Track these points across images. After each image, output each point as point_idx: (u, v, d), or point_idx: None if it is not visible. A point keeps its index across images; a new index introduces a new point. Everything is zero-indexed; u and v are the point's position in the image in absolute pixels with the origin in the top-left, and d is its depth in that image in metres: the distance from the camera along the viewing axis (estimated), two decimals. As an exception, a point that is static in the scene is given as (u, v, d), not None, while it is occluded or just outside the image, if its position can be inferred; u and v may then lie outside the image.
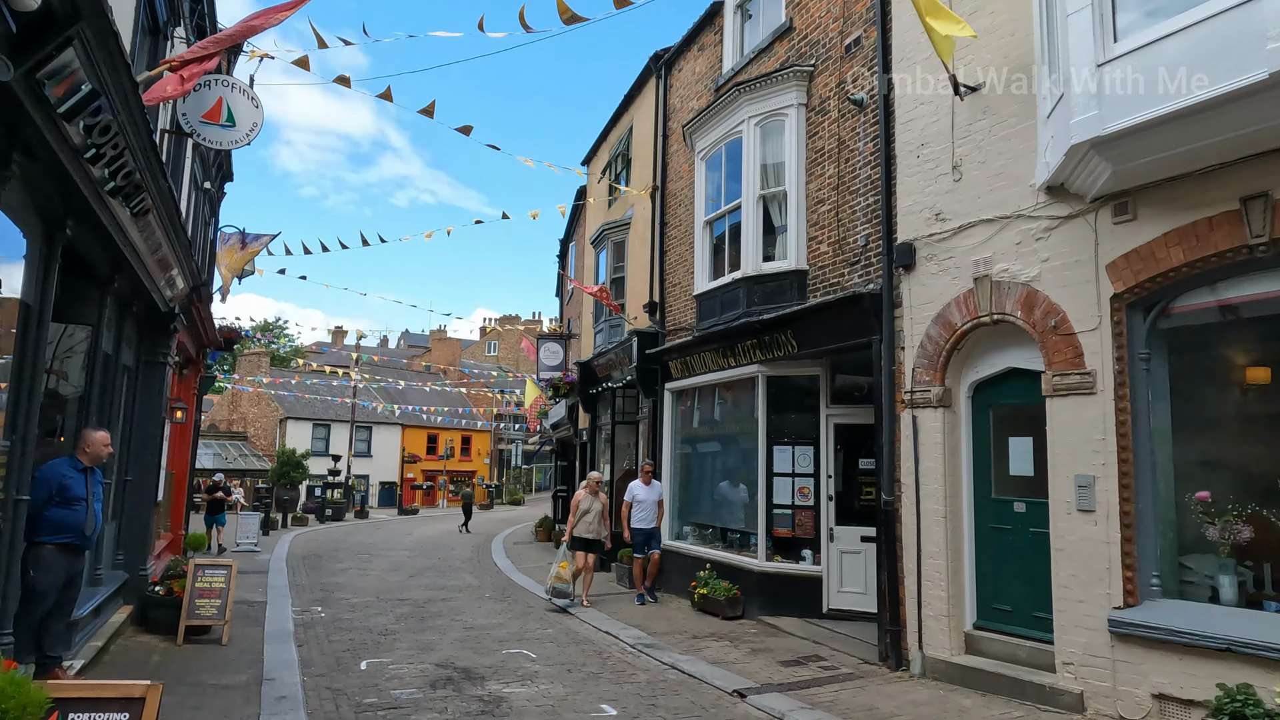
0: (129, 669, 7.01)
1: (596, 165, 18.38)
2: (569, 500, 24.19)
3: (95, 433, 6.26)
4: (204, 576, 8.55)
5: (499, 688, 7.01)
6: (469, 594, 12.73)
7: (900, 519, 7.65)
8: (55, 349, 7.06)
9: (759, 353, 10.07)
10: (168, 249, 7.10)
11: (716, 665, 7.83)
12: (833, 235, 9.05)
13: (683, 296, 12.45)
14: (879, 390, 8.04)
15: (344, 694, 6.74)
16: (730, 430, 11.49)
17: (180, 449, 13.65)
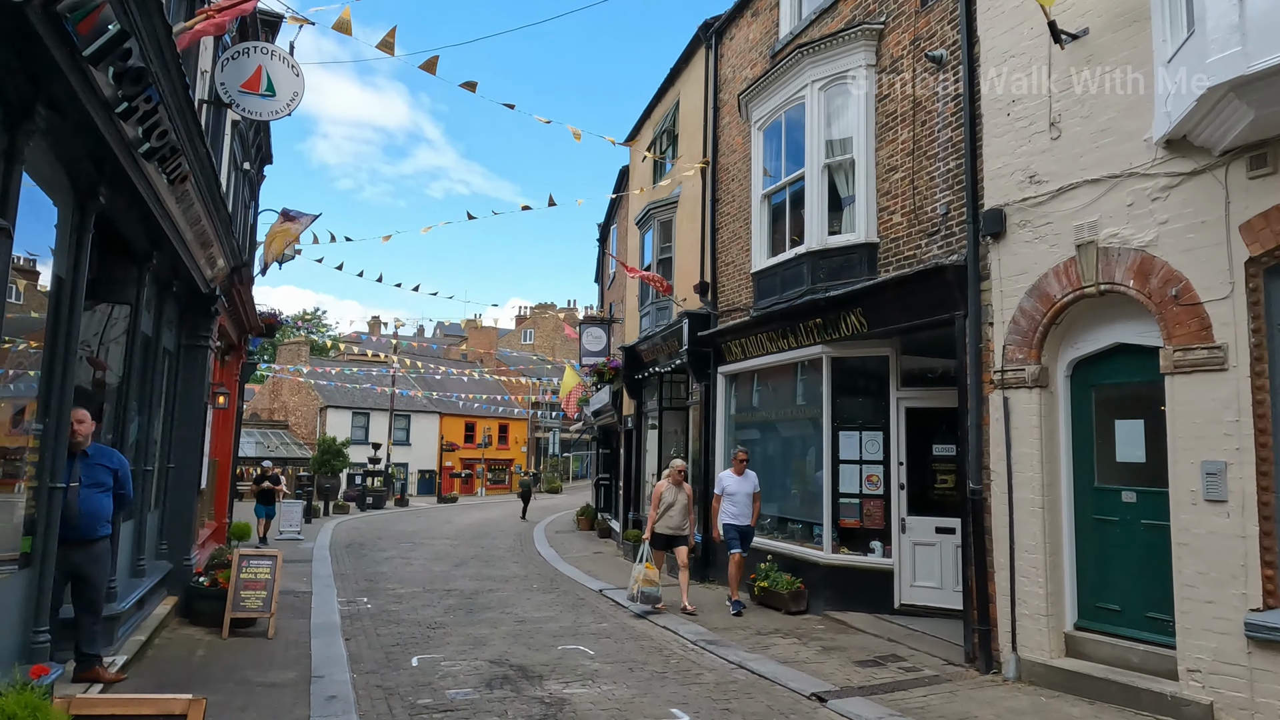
0: (173, 665, 6.69)
1: (640, 144, 17.80)
2: (610, 489, 23.89)
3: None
4: (249, 567, 8.24)
5: (559, 688, 6.57)
6: (516, 585, 12.36)
7: (990, 509, 7.04)
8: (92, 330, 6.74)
9: (823, 333, 9.48)
10: (207, 222, 6.72)
11: (788, 665, 7.31)
12: (907, 204, 8.42)
13: (736, 276, 11.88)
14: (963, 371, 7.42)
15: (396, 694, 6.35)
16: (790, 415, 10.93)
17: (223, 436, 13.45)
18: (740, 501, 9.76)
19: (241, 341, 14.20)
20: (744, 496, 9.78)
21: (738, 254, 11.88)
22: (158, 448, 8.38)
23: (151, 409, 7.69)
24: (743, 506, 9.76)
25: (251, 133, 12.56)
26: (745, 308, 11.42)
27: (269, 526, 17.76)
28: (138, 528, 7.50)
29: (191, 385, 8.98)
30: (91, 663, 5.37)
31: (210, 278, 8.55)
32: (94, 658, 5.41)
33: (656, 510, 9.82)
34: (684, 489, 9.93)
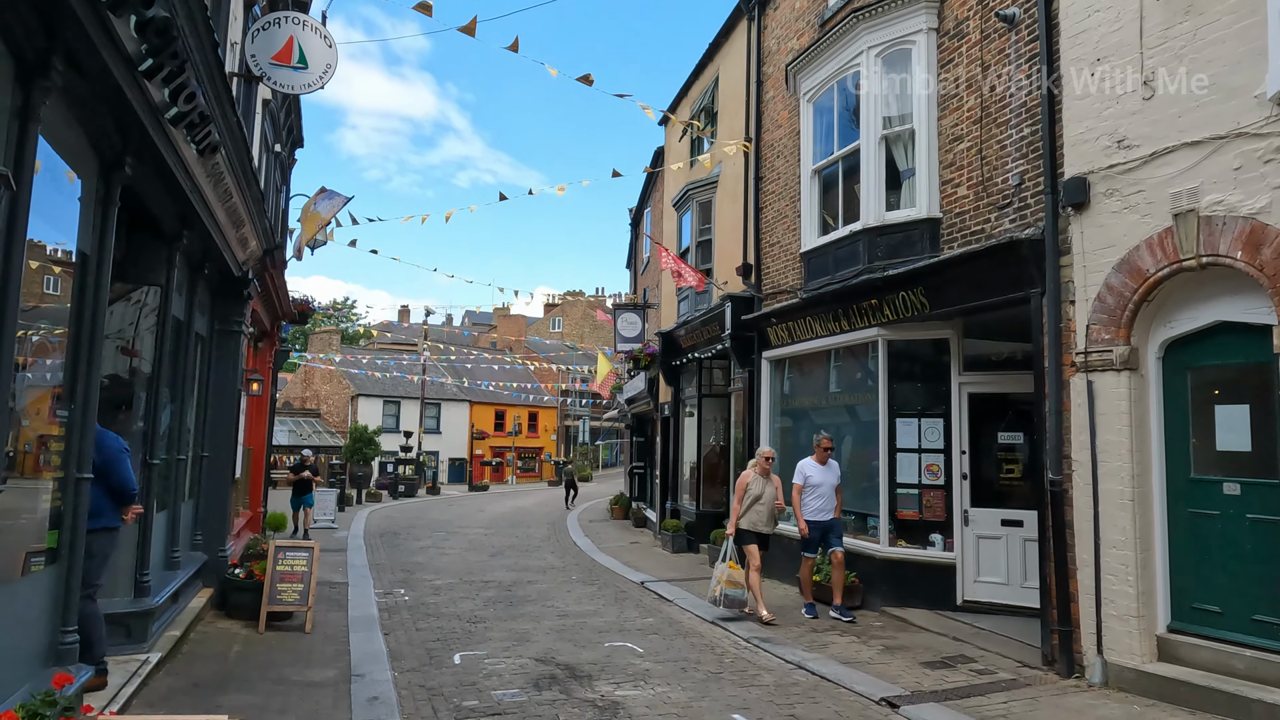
0: (208, 663, 6.42)
1: (677, 123, 17.28)
2: (645, 477, 23.53)
3: None
4: (285, 559, 7.97)
5: (610, 689, 6.21)
6: (554, 576, 12.04)
7: (1071, 502, 6.54)
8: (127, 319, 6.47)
9: (879, 314, 8.97)
10: (238, 199, 6.40)
11: (850, 666, 6.88)
12: (974, 176, 7.88)
13: (782, 256, 11.39)
14: (1039, 353, 6.91)
15: (440, 694, 6.02)
16: (841, 401, 10.44)
17: (257, 424, 13.26)
18: (825, 494, 8.79)
19: (274, 328, 13.99)
20: (828, 488, 8.80)
21: (783, 234, 11.38)
22: (191, 436, 8.13)
23: (184, 396, 7.42)
24: (827, 500, 8.78)
25: (283, 114, 12.27)
26: (792, 290, 10.94)
27: (308, 518, 16.78)
28: (171, 518, 7.25)
29: (225, 371, 8.71)
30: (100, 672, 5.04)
31: (243, 260, 8.26)
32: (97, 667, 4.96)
33: (741, 503, 8.80)
34: (772, 480, 8.89)
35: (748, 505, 8.75)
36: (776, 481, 8.91)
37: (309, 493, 16.76)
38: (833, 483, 8.84)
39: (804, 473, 8.90)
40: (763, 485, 8.80)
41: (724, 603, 8.46)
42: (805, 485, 8.83)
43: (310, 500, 16.91)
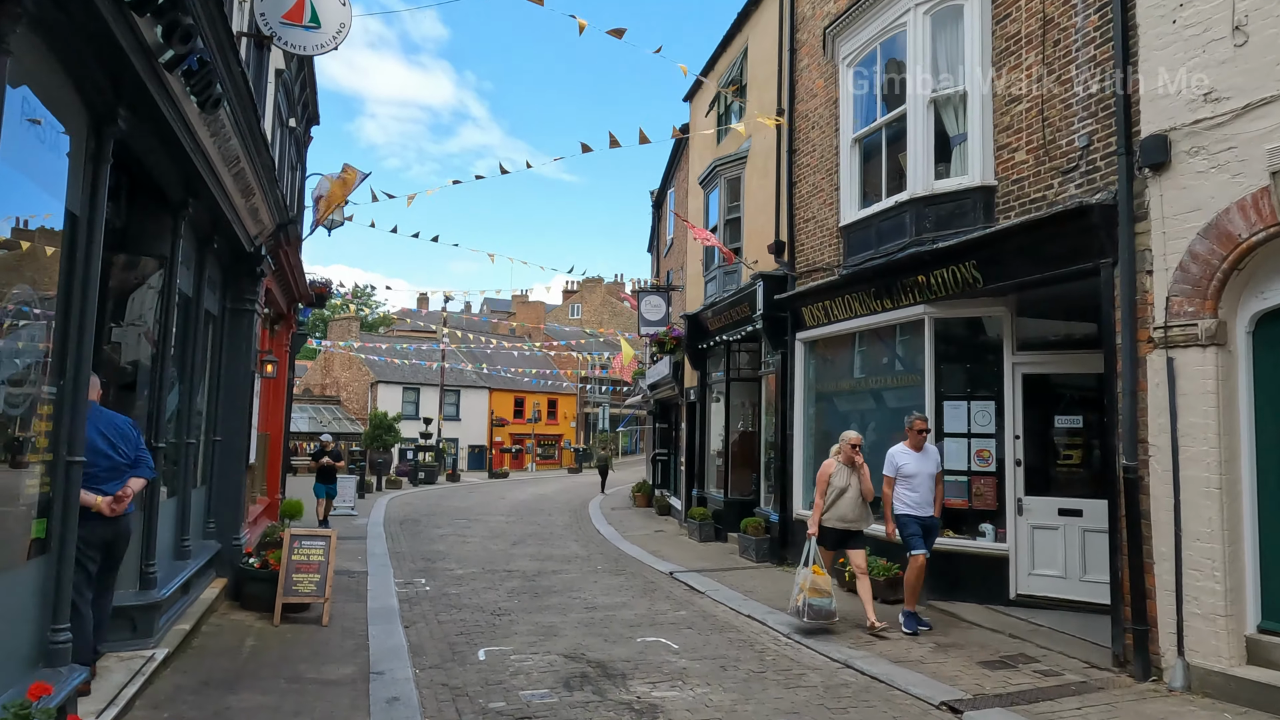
0: (219, 659, 6.04)
1: (702, 98, 16.74)
2: (668, 464, 23.07)
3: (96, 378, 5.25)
4: (301, 549, 7.60)
5: (646, 690, 5.77)
6: (579, 566, 11.64)
7: (1147, 490, 6.00)
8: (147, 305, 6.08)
9: (926, 291, 8.43)
10: (247, 164, 5.96)
11: (902, 665, 6.40)
12: (1035, 139, 7.30)
13: (818, 232, 10.84)
14: (1110, 328, 6.35)
15: (464, 694, 5.62)
16: (883, 384, 9.91)
17: (274, 409, 12.92)
18: (921, 485, 7.42)
19: (291, 311, 13.63)
20: (925, 478, 7.43)
21: (819, 208, 10.83)
22: (202, 419, 7.75)
23: (193, 377, 7.03)
24: (925, 492, 7.42)
25: (297, 87, 11.86)
26: (829, 266, 10.40)
27: (329, 507, 15.57)
28: (181, 505, 6.88)
29: (237, 352, 8.33)
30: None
31: (254, 235, 7.85)
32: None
33: (824, 497, 7.62)
34: (859, 469, 7.66)
35: (831, 500, 7.62)
36: (865, 470, 7.68)
37: (332, 481, 15.56)
38: (931, 471, 7.50)
39: (895, 461, 7.55)
40: (848, 476, 7.64)
41: (808, 614, 7.27)
42: (899, 476, 7.48)
43: (334, 489, 15.76)
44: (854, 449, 7.68)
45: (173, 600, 6.15)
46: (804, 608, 7.29)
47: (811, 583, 7.32)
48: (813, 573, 7.37)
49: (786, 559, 11.14)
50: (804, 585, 7.34)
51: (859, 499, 7.62)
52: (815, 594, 7.30)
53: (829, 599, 7.33)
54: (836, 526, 7.65)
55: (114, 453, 4.79)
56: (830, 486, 7.66)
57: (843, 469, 7.69)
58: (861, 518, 7.69)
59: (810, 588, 7.30)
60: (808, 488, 11.09)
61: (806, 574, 7.40)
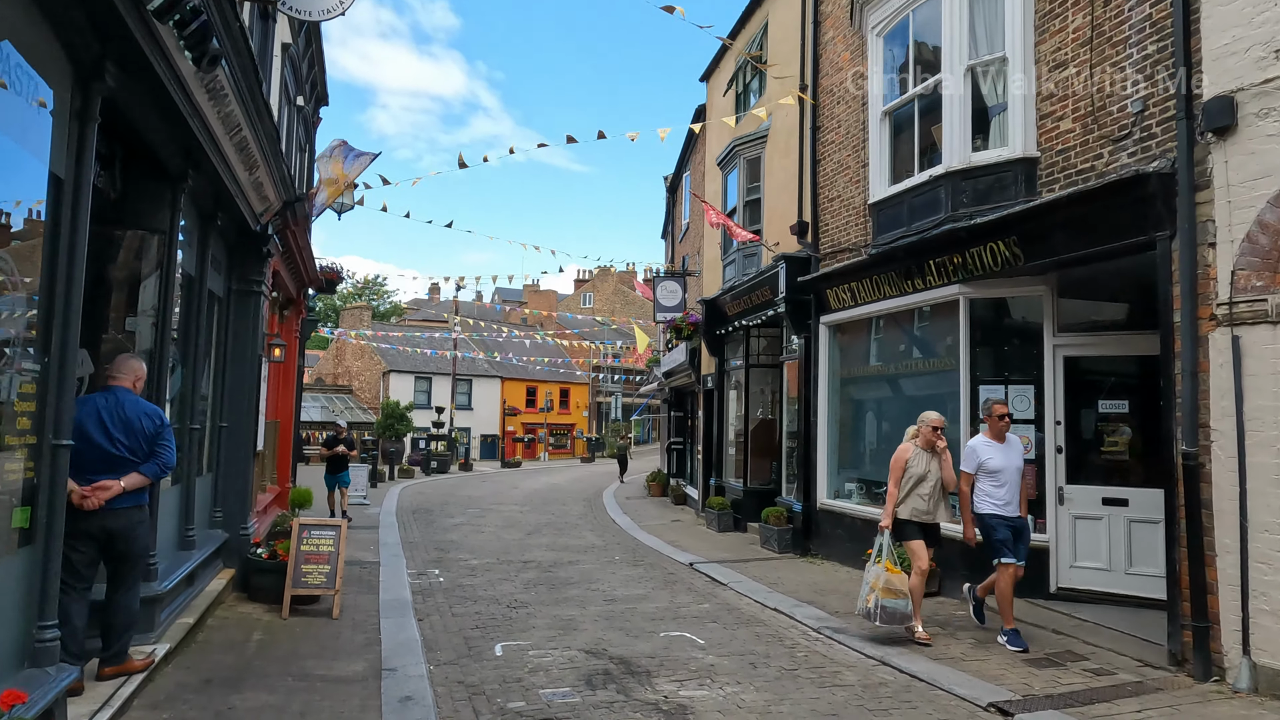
0: (223, 655, 5.76)
1: (719, 78, 16.30)
2: (683, 453, 22.70)
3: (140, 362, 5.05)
4: (310, 539, 7.31)
5: (673, 689, 5.45)
6: (596, 556, 11.33)
7: (1209, 478, 5.60)
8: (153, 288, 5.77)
9: (961, 269, 8.03)
10: (249, 133, 5.63)
11: (942, 663, 6.05)
12: (1082, 106, 6.88)
13: (843, 211, 10.44)
14: (1168, 305, 5.94)
15: (481, 693, 5.31)
16: (913, 369, 9.52)
17: (284, 396, 12.65)
18: (1007, 480, 6.51)
19: (301, 296, 13.35)
20: (1012, 473, 6.55)
21: (844, 186, 10.42)
22: (207, 404, 7.47)
23: (197, 360, 6.73)
24: (1012, 489, 6.52)
25: (305, 64, 11.52)
26: (856, 246, 10.00)
27: (343, 499, 14.67)
28: (185, 494, 6.59)
29: (243, 335, 8.02)
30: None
31: (260, 213, 7.54)
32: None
33: (899, 486, 6.76)
34: (941, 455, 6.77)
35: (908, 489, 6.73)
36: (946, 458, 6.78)
37: (344, 470, 14.64)
38: (1018, 465, 6.63)
39: (977, 454, 6.64)
40: (927, 463, 6.73)
41: (880, 617, 6.46)
42: (980, 470, 6.61)
43: (346, 479, 14.79)
44: (935, 432, 6.74)
45: (175, 593, 5.87)
46: (876, 609, 6.46)
47: (885, 582, 6.47)
48: (886, 571, 6.51)
49: (810, 550, 10.81)
50: (875, 584, 6.50)
51: (939, 489, 6.75)
52: (890, 595, 6.45)
53: (905, 600, 6.49)
54: (913, 519, 6.72)
55: (107, 442, 4.53)
56: (907, 474, 6.73)
57: (921, 454, 6.77)
58: (944, 508, 6.83)
59: (884, 587, 6.46)
60: (832, 477, 10.74)
61: (878, 572, 6.55)
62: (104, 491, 4.37)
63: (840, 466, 10.79)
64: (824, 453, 10.76)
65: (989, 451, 6.63)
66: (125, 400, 4.68)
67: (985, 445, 6.69)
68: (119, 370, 4.80)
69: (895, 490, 6.79)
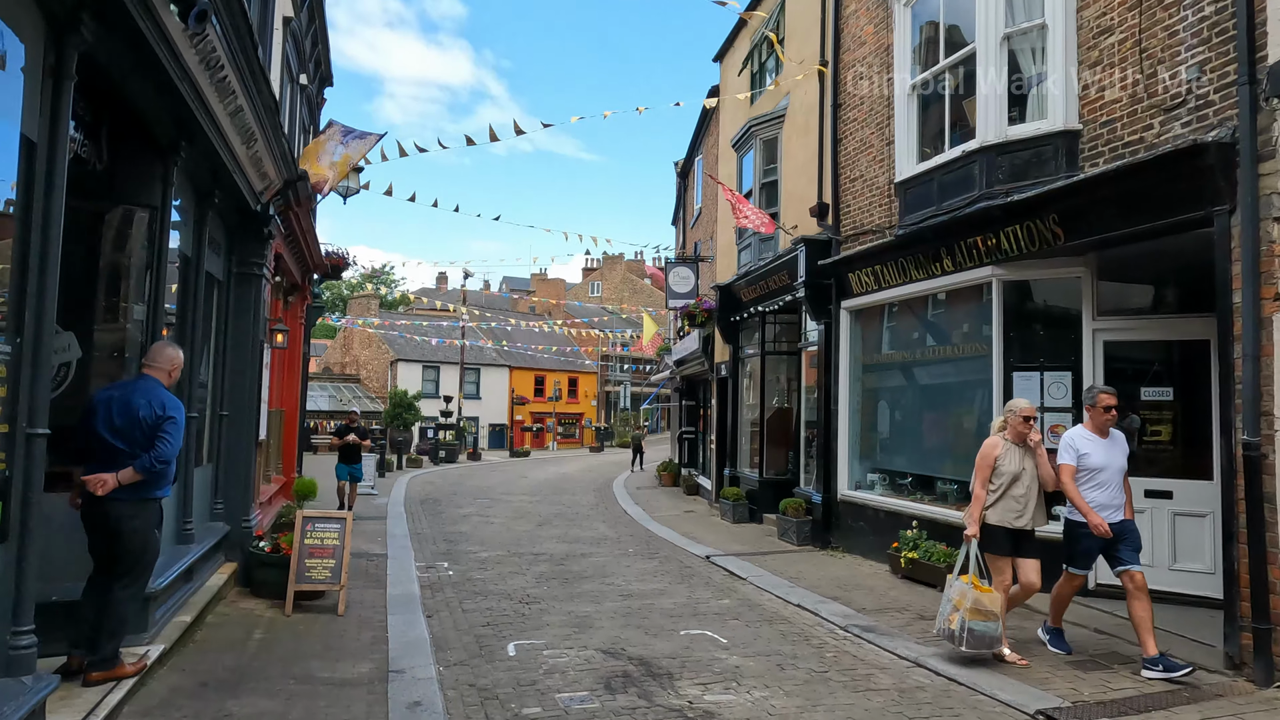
0: (221, 655, 5.45)
1: (734, 58, 15.86)
2: (695, 443, 22.36)
3: (176, 350, 4.79)
4: (314, 532, 7.01)
5: (697, 693, 5.12)
6: (609, 548, 11.02)
7: (1273, 470, 5.23)
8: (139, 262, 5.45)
9: (995, 250, 7.65)
10: (245, 100, 5.28)
11: (979, 666, 5.70)
12: (1130, 74, 6.47)
13: (866, 192, 10.04)
14: (1226, 285, 5.55)
15: (494, 697, 4.99)
16: (940, 355, 9.15)
17: (289, 384, 12.36)
18: (1110, 481, 5.65)
19: (306, 282, 13.05)
20: (1114, 473, 5.67)
21: (867, 166, 10.02)
22: (206, 392, 7.16)
23: (194, 345, 6.40)
24: (1114, 489, 5.66)
25: (308, 41, 11.17)
26: (880, 228, 9.61)
27: (353, 492, 13.76)
28: (183, 485, 6.27)
29: (245, 320, 7.70)
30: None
31: (260, 191, 7.20)
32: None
33: (986, 486, 5.79)
34: (1035, 450, 5.85)
35: (999, 490, 5.75)
36: (1041, 453, 5.87)
37: (358, 462, 13.67)
38: (1120, 464, 5.73)
39: (1075, 447, 5.72)
40: (1020, 459, 5.78)
41: (967, 641, 5.53)
42: (1079, 467, 5.68)
43: (359, 471, 13.84)
44: (1027, 422, 5.79)
45: (171, 590, 5.57)
46: (961, 633, 5.52)
47: (974, 601, 5.53)
48: (973, 587, 5.59)
49: (831, 542, 10.47)
50: (960, 602, 5.58)
51: (1035, 490, 5.77)
52: (978, 616, 5.53)
53: (995, 623, 5.56)
54: (1004, 524, 5.73)
55: (109, 433, 4.39)
56: (996, 472, 5.76)
57: (1013, 449, 5.80)
58: (1039, 512, 5.83)
59: (971, 607, 5.52)
60: (854, 467, 10.40)
61: (963, 589, 5.62)
62: (98, 484, 4.21)
63: (862, 456, 10.44)
64: (845, 442, 10.41)
65: (1089, 445, 5.70)
66: (139, 390, 4.53)
67: (1085, 438, 5.75)
68: (152, 359, 4.69)
69: (983, 492, 5.79)
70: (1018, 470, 5.75)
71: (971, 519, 5.81)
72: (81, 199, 4.58)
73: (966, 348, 8.58)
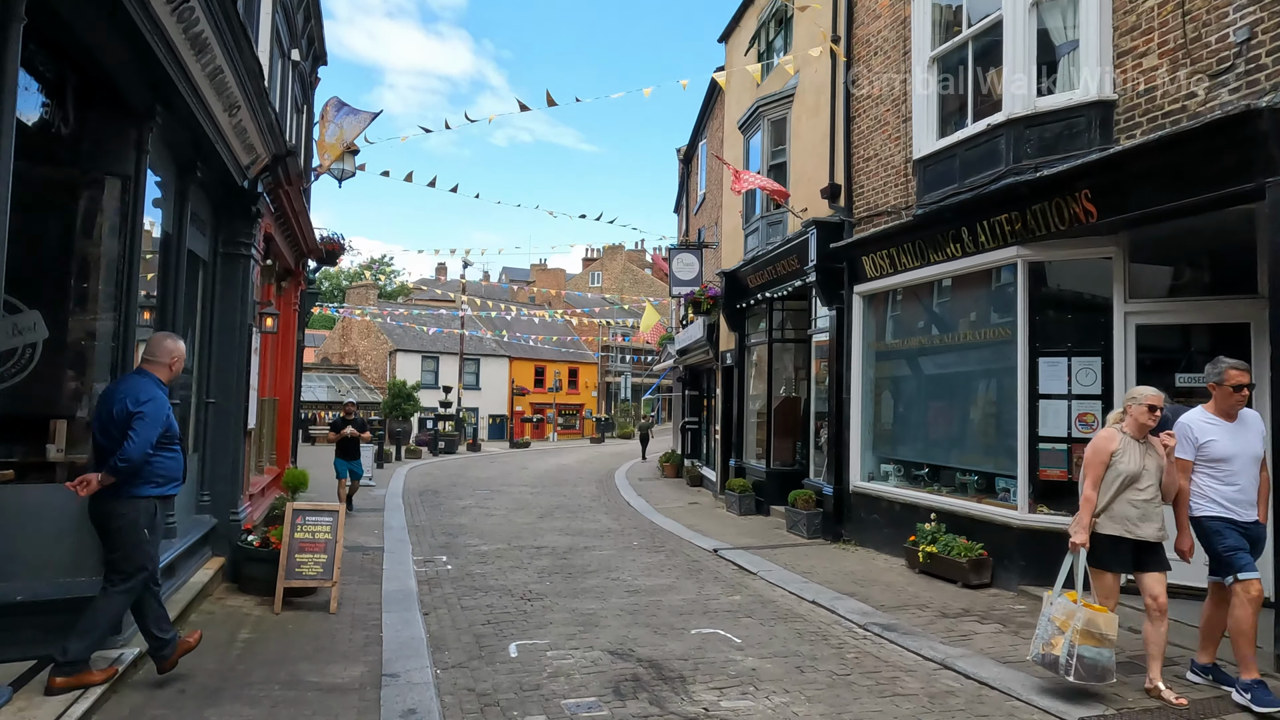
0: (205, 656, 5.08)
1: (740, 38, 15.42)
2: (698, 433, 21.96)
3: (176, 342, 4.55)
4: (304, 525, 6.65)
5: (713, 698, 4.78)
6: (613, 541, 10.68)
7: (1332, 459, 4.86)
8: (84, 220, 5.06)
9: (1020, 230, 7.27)
10: (224, 61, 4.88)
11: (1013, 667, 5.37)
12: (1171, 39, 6.07)
13: (880, 171, 9.65)
14: (1277, 263, 5.18)
15: (495, 704, 4.65)
16: (961, 339, 8.77)
17: (283, 372, 11.99)
18: (1238, 472, 4.76)
19: (300, 267, 12.65)
20: (1246, 462, 4.78)
21: (882, 144, 9.62)
22: (191, 379, 6.79)
23: (176, 328, 6.01)
24: (1247, 483, 4.76)
25: (300, 16, 10.73)
26: (896, 209, 9.22)
27: (355, 488, 12.68)
28: (164, 476, 5.89)
29: (231, 303, 7.31)
30: None
31: (246, 165, 6.81)
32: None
33: (1098, 488, 4.83)
34: (1155, 445, 4.90)
35: (1114, 491, 4.78)
36: (1160, 448, 4.90)
37: (357, 457, 12.62)
38: (1255, 452, 4.84)
39: (1193, 433, 4.86)
40: (1140, 456, 4.80)
41: (1075, 671, 4.58)
42: (1199, 459, 4.82)
43: (359, 466, 12.80)
44: (1151, 413, 4.82)
45: (151, 587, 5.19)
46: (1069, 661, 4.59)
47: (1085, 622, 4.60)
48: (1083, 607, 4.66)
49: (843, 535, 10.12)
50: (1065, 624, 4.67)
51: (1158, 494, 4.84)
52: (1090, 640, 4.58)
53: (1110, 651, 4.60)
54: (1122, 535, 4.78)
55: (98, 432, 4.32)
56: (1112, 471, 4.80)
57: (1132, 445, 4.83)
58: (1160, 523, 4.84)
59: (1082, 629, 4.59)
60: (867, 458, 10.04)
61: (1070, 607, 4.71)
62: (80, 485, 4.12)
63: (875, 447, 10.08)
64: (857, 432, 10.05)
65: (1212, 431, 4.81)
66: (124, 385, 4.38)
67: (1206, 423, 4.85)
68: (151, 353, 4.50)
69: (1093, 493, 4.84)
70: (1137, 470, 4.77)
71: (1079, 525, 4.84)
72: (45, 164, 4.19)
73: (988, 333, 8.21)
